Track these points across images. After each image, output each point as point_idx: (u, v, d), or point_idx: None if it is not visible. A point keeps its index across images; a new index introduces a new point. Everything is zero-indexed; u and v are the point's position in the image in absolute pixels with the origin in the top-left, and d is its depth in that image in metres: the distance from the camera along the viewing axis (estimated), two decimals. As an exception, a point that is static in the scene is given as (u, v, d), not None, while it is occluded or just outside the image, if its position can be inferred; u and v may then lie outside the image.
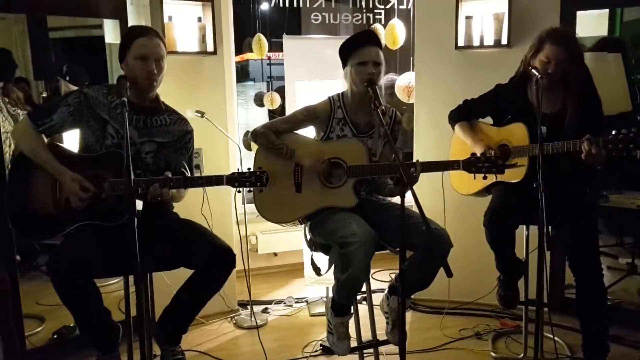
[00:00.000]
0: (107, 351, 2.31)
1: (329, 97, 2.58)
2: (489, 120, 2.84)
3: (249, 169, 2.24)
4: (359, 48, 2.41)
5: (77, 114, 2.26)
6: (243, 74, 7.44)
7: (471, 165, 2.23)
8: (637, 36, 3.75)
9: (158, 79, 2.30)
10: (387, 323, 2.48)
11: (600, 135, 2.29)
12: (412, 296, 3.31)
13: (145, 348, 1.95)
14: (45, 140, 2.28)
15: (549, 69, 2.48)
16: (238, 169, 3.06)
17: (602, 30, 3.58)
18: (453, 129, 2.85)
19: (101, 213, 2.20)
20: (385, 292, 2.50)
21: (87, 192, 2.16)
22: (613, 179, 3.31)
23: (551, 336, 2.73)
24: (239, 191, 2.25)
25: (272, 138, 2.49)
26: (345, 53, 2.46)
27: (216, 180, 2.20)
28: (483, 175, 2.23)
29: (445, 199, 3.17)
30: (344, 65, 2.49)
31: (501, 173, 2.22)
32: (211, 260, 2.26)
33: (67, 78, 3.40)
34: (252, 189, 2.26)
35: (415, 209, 1.98)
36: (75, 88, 3.22)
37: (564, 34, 2.53)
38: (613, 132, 2.25)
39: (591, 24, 3.50)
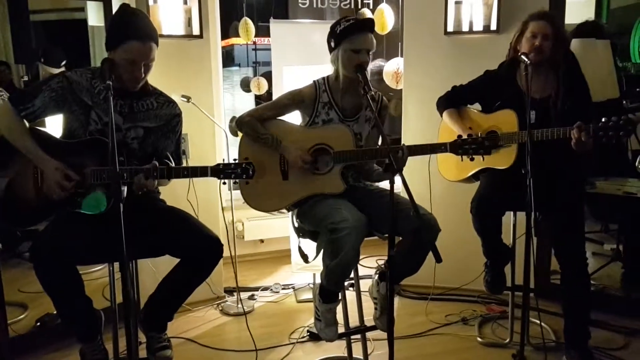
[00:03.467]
0: (88, 339, 2.28)
1: (314, 81, 2.54)
2: (477, 107, 2.83)
3: (235, 159, 2.20)
4: (355, 34, 2.35)
5: (60, 99, 2.19)
6: (228, 59, 7.36)
7: (458, 147, 2.22)
8: (623, 23, 3.77)
9: (144, 80, 2.24)
10: (376, 309, 2.48)
11: (589, 121, 2.29)
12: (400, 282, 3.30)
13: (130, 335, 1.92)
14: (27, 125, 2.22)
15: (536, 42, 2.49)
16: (224, 160, 3.02)
17: (589, 16, 3.59)
18: (441, 115, 2.84)
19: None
20: (375, 278, 2.49)
21: (70, 181, 2.12)
22: (600, 165, 3.32)
23: (537, 321, 2.78)
24: (224, 183, 2.22)
25: (257, 127, 2.45)
26: (340, 36, 2.39)
27: (201, 172, 2.16)
28: (470, 157, 2.23)
29: (431, 185, 3.17)
30: (334, 47, 2.44)
31: (487, 154, 2.22)
32: (198, 250, 2.23)
33: (42, 60, 3.33)
34: (238, 180, 2.22)
35: (403, 194, 1.97)
36: (52, 70, 3.17)
37: (546, 12, 2.61)
38: (603, 120, 2.25)
39: (578, 10, 3.50)
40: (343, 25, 2.39)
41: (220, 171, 2.14)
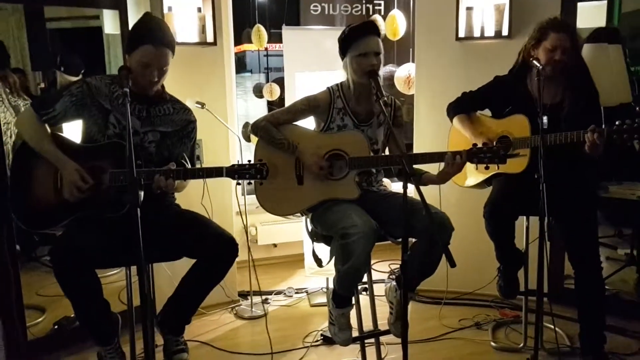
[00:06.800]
0: (106, 343, 2.32)
1: (327, 88, 2.57)
2: (487, 112, 2.84)
3: (249, 161, 2.23)
4: (359, 39, 2.39)
5: (80, 104, 2.26)
6: (240, 65, 7.40)
7: (474, 155, 2.23)
8: (635, 27, 3.75)
9: (158, 84, 2.29)
10: (391, 313, 2.49)
11: (600, 126, 2.30)
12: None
13: (148, 338, 1.95)
14: (49, 130, 2.28)
15: (555, 57, 2.48)
16: (238, 161, 3.05)
17: (600, 21, 3.58)
18: (451, 121, 2.85)
19: (103, 203, 2.20)
20: (393, 282, 2.50)
21: (86, 183, 2.16)
22: (613, 169, 3.32)
23: (551, 326, 2.75)
24: (239, 183, 2.26)
25: (273, 132, 2.48)
26: (345, 44, 2.44)
27: (216, 172, 2.20)
28: (485, 165, 2.23)
29: (442, 189, 3.17)
30: (343, 56, 2.48)
31: (503, 163, 2.22)
32: (214, 250, 2.26)
33: (62, 69, 3.38)
34: (252, 181, 2.26)
35: (415, 196, 1.98)
36: (71, 79, 3.22)
37: (565, 22, 2.58)
38: (617, 123, 2.25)
39: (590, 14, 3.49)
40: (346, 33, 2.44)
41: (235, 171, 2.18)
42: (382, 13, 4.61)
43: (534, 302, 2.59)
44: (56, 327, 2.96)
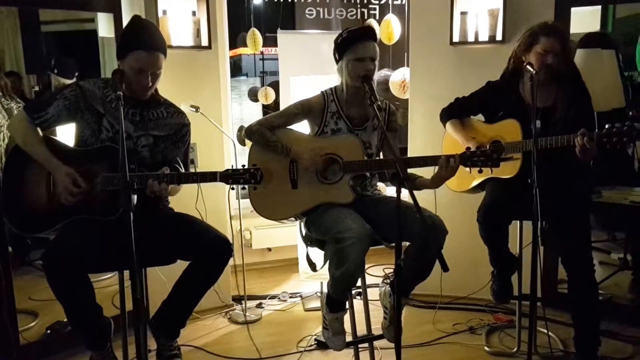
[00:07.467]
0: (98, 347, 2.31)
1: (321, 92, 2.57)
2: (480, 117, 2.84)
3: (243, 165, 2.23)
4: (357, 43, 2.39)
5: (73, 107, 2.25)
6: (236, 68, 7.40)
7: (467, 158, 2.23)
8: (629, 33, 3.77)
9: (152, 89, 2.29)
10: (385, 318, 2.49)
11: (592, 130, 2.31)
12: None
13: (140, 343, 1.94)
14: (41, 134, 2.28)
15: (547, 61, 2.49)
16: (232, 166, 3.05)
17: (594, 26, 3.60)
18: (444, 126, 2.86)
19: (96, 207, 2.19)
20: (387, 287, 2.49)
21: (78, 187, 2.16)
22: (606, 174, 3.33)
23: (545, 331, 2.78)
24: (233, 188, 2.26)
25: (267, 135, 2.48)
26: (342, 47, 2.44)
27: (210, 177, 2.20)
28: (478, 169, 2.24)
29: (437, 194, 3.17)
30: (339, 58, 2.48)
31: (496, 166, 2.23)
32: (208, 250, 2.26)
33: (56, 71, 3.38)
34: (246, 186, 2.25)
35: (409, 200, 1.99)
36: (65, 81, 3.22)
37: (556, 26, 2.58)
38: (607, 126, 2.26)
39: (584, 20, 3.51)
40: (344, 36, 2.43)
41: (229, 176, 2.18)
42: (377, 17, 4.61)
43: (528, 307, 2.60)
44: (49, 331, 2.95)
